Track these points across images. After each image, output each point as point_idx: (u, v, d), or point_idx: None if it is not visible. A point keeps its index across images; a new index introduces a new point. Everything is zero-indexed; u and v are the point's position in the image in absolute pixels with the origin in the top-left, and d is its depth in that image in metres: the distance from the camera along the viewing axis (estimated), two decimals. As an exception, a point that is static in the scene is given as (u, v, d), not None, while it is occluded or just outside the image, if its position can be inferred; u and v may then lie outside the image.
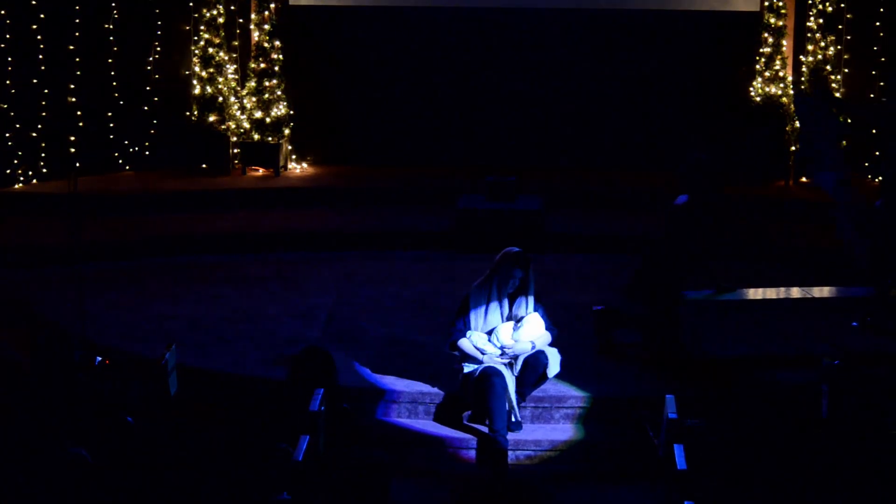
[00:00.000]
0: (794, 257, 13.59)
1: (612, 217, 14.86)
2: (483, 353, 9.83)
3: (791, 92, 15.58)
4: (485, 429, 9.78)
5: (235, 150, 16.12)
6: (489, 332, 9.95)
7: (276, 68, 15.90)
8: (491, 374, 9.72)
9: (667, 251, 10.68)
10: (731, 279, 11.15)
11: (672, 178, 12.53)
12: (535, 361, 9.84)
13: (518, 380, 9.84)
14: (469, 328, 9.95)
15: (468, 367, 9.90)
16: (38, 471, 7.37)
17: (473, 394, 9.82)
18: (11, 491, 7.18)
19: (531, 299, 10.01)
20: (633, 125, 16.39)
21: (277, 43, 15.88)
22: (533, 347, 9.90)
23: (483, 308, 9.96)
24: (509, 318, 9.99)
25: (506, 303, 9.98)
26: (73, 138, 15.60)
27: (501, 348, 9.89)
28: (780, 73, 15.64)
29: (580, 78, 16.37)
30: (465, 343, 9.91)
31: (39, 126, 15.46)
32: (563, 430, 10.08)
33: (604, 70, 16.35)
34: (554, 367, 9.91)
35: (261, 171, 16.03)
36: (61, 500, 7.14)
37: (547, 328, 10.00)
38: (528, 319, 9.93)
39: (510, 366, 9.86)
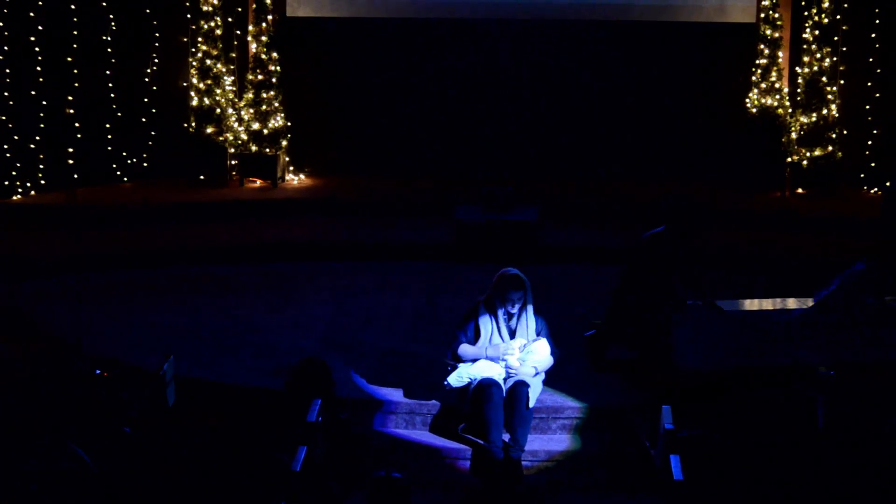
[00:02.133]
0: (797, 267, 13.65)
1: (607, 228, 14.90)
2: (470, 374, 9.90)
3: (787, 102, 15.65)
4: (480, 440, 9.82)
5: (233, 162, 16.16)
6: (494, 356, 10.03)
7: (274, 80, 15.94)
8: (488, 385, 9.77)
9: (638, 281, 10.73)
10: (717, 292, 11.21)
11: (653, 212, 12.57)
12: (517, 394, 9.86)
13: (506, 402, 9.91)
14: (468, 341, 9.99)
15: (457, 383, 9.94)
16: (39, 474, 7.41)
17: (470, 404, 9.87)
18: (14, 494, 7.23)
19: (531, 316, 10.06)
20: (630, 137, 16.44)
21: (275, 55, 15.93)
22: (536, 373, 9.97)
23: (484, 327, 10.02)
24: (511, 334, 10.04)
25: (504, 320, 10.03)
26: (71, 150, 15.64)
27: (507, 368, 9.94)
28: (776, 85, 15.69)
29: (577, 90, 16.41)
30: (465, 349, 9.95)
31: (38, 137, 15.50)
32: (559, 441, 10.11)
33: (601, 82, 16.40)
34: (533, 399, 9.94)
35: (258, 183, 16.07)
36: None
37: (551, 352, 10.06)
38: (537, 347, 9.99)
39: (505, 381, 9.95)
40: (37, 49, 15.41)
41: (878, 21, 15.70)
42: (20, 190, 15.43)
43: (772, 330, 10.43)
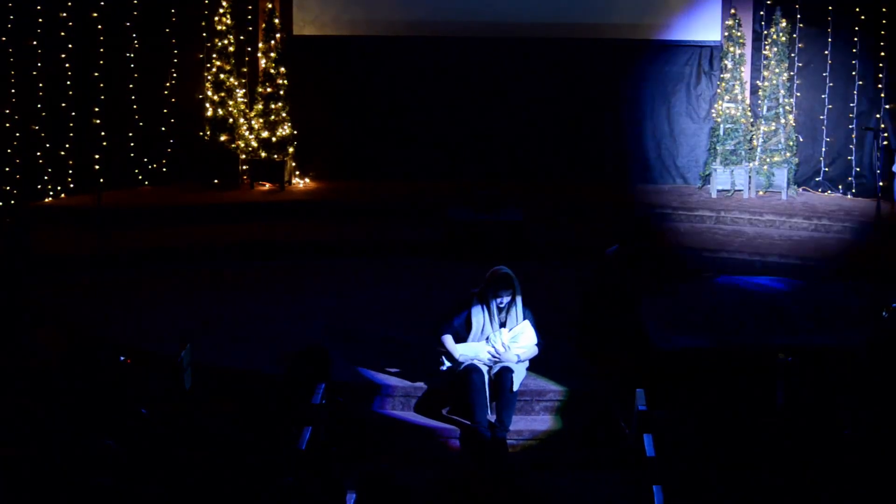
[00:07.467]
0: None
1: (585, 227, 14.87)
2: (459, 354, 9.88)
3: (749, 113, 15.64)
4: (467, 421, 9.80)
5: (244, 167, 16.12)
6: (486, 339, 9.97)
7: (282, 92, 15.91)
8: (471, 371, 9.76)
9: (604, 293, 10.79)
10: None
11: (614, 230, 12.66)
12: (502, 378, 9.83)
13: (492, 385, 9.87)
14: (457, 328, 9.96)
15: (448, 366, 9.92)
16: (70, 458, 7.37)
17: (456, 389, 9.85)
18: (46, 477, 7.19)
19: (520, 308, 10.02)
20: (608, 145, 16.41)
21: (282, 69, 15.89)
22: (518, 360, 9.94)
23: (476, 317, 9.99)
24: (501, 325, 10.00)
25: (495, 312, 10.00)
26: (97, 156, 15.60)
27: (493, 355, 9.90)
28: (739, 97, 15.68)
29: (561, 102, 16.36)
30: (447, 340, 9.92)
31: (67, 145, 15.46)
32: (542, 421, 10.10)
33: (582, 95, 16.35)
34: (516, 383, 9.91)
35: (267, 186, 16.03)
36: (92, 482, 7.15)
37: (536, 342, 10.03)
38: (523, 336, 9.96)
39: (489, 370, 9.91)
40: (67, 66, 15.35)
41: (829, 40, 15.69)
42: (51, 193, 15.38)
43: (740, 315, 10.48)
